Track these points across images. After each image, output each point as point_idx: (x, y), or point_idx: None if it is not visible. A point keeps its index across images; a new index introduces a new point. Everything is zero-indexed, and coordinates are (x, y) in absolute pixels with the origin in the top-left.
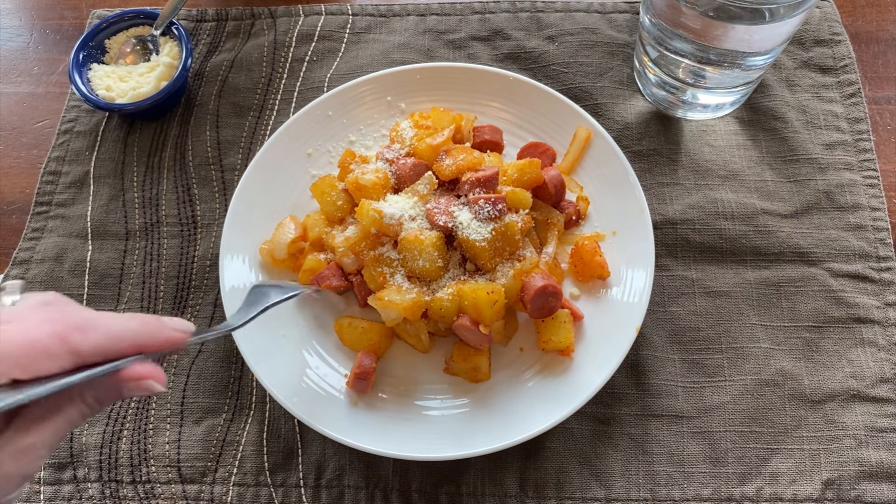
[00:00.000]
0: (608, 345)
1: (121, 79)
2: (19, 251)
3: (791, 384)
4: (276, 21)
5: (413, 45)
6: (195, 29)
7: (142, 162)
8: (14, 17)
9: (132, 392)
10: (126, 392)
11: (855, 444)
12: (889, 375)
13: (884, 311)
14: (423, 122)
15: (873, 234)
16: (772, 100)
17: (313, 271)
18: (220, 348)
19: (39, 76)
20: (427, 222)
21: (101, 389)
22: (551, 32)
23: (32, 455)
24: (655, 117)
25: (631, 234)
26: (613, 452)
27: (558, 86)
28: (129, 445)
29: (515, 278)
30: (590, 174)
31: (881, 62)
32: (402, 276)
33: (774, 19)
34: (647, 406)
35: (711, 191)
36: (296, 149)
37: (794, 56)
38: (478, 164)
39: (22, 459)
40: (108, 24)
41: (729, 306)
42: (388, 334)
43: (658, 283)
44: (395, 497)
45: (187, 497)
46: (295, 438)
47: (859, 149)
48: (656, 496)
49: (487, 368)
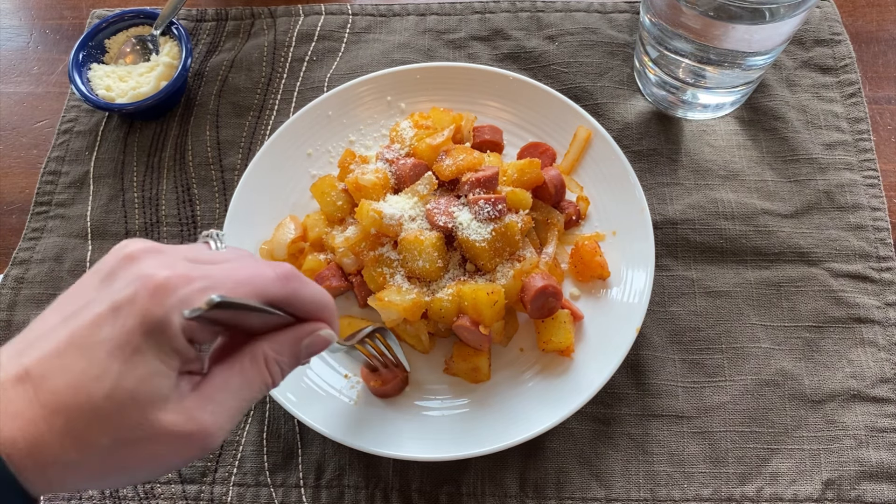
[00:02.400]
0: (608, 345)
1: (120, 79)
2: (19, 251)
3: (791, 384)
4: (275, 21)
5: (413, 44)
6: (195, 29)
7: (142, 162)
8: (14, 16)
9: (310, 348)
10: (304, 351)
11: (855, 445)
12: (889, 375)
13: (884, 311)
14: (423, 122)
15: (873, 234)
16: (772, 100)
17: (313, 271)
18: None
19: (39, 76)
20: (427, 222)
21: (283, 346)
22: (551, 32)
23: (223, 407)
24: (655, 117)
25: (631, 234)
26: (613, 452)
27: (558, 86)
28: None
29: (515, 279)
30: (590, 174)
31: (881, 62)
32: (402, 276)
33: (775, 19)
34: (648, 406)
35: (712, 191)
36: (296, 149)
37: (795, 56)
38: (478, 164)
39: (216, 411)
40: (107, 23)
41: (729, 306)
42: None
43: (658, 283)
44: (395, 497)
45: (187, 497)
46: (295, 438)
47: (859, 149)
48: (656, 496)
49: (487, 369)
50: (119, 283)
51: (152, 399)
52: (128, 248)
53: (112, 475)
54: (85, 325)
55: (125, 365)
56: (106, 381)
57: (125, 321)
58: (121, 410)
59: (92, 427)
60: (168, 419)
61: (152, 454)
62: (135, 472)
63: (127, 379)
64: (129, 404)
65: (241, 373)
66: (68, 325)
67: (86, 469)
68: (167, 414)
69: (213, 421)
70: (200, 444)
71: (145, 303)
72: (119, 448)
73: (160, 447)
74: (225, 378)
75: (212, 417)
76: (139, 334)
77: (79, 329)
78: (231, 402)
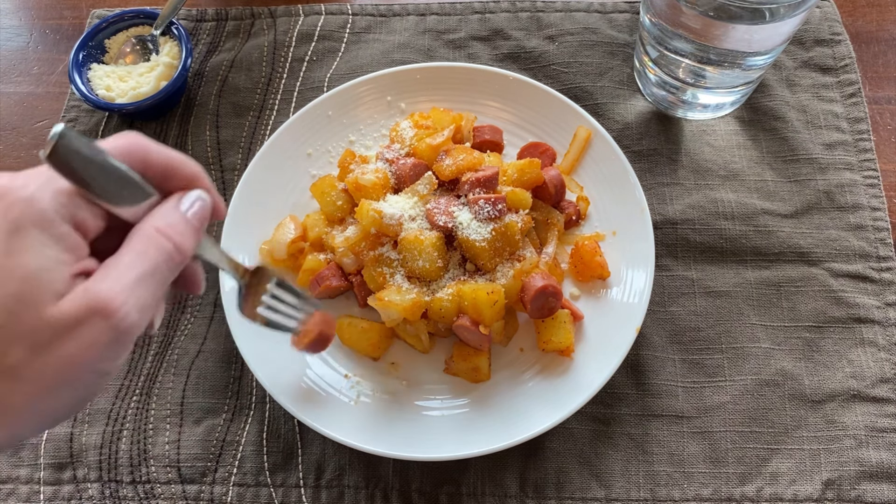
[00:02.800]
0: (608, 345)
1: (120, 79)
2: None
3: (791, 384)
4: (275, 21)
5: (413, 44)
6: (195, 29)
7: None
8: (14, 16)
9: (196, 213)
10: (192, 218)
11: (855, 445)
12: (889, 375)
13: (884, 311)
14: (423, 122)
15: (873, 234)
16: (772, 100)
17: (313, 271)
18: (220, 348)
19: (39, 76)
20: (427, 222)
21: (165, 215)
22: (551, 32)
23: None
24: (656, 117)
25: (631, 234)
26: (613, 452)
27: (558, 86)
28: (128, 445)
29: (515, 278)
30: (590, 174)
31: (881, 62)
32: (402, 276)
33: (774, 19)
34: (648, 406)
35: (712, 191)
36: (296, 149)
37: (795, 56)
38: (478, 164)
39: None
40: (107, 23)
41: (729, 306)
42: (388, 334)
43: (658, 283)
44: (395, 497)
45: (187, 497)
46: (295, 438)
47: (859, 149)
48: (656, 496)
49: (487, 369)
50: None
51: (42, 294)
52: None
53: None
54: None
55: (4, 270)
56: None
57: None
58: (13, 318)
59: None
60: (65, 307)
61: (67, 355)
62: (64, 389)
63: (8, 284)
64: (18, 308)
65: (131, 249)
66: None
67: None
68: (63, 303)
69: (112, 290)
70: (107, 320)
71: (0, 206)
72: (31, 361)
73: (70, 343)
74: (116, 258)
75: (110, 288)
76: (5, 238)
77: None
78: (128, 274)
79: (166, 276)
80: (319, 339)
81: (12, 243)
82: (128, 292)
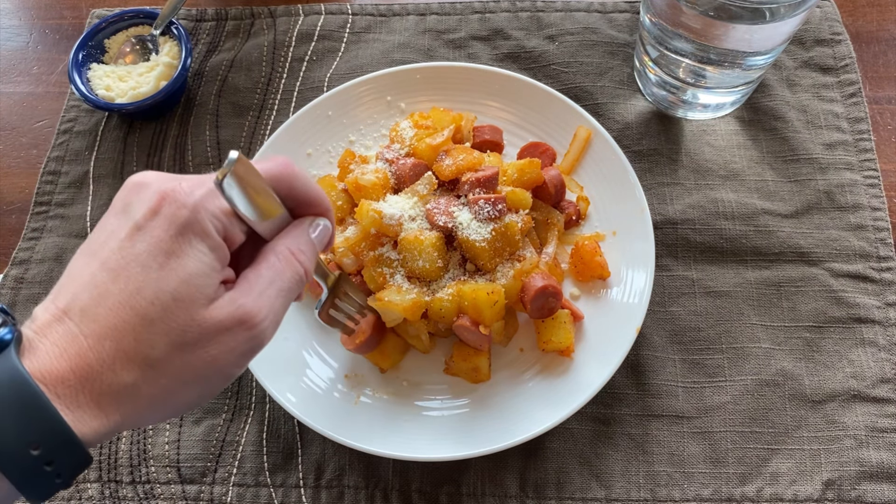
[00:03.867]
0: (608, 345)
1: (120, 78)
2: (19, 251)
3: (791, 384)
4: (275, 21)
5: (413, 44)
6: (195, 28)
7: (141, 162)
8: (14, 16)
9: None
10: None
11: (855, 445)
12: (889, 375)
13: (884, 311)
14: (423, 122)
15: (874, 233)
16: (772, 99)
17: None
18: None
19: (39, 76)
20: (427, 222)
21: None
22: (551, 32)
23: (263, 295)
24: (656, 117)
25: (631, 234)
26: (613, 453)
27: (558, 85)
28: (128, 445)
29: (515, 278)
30: (590, 174)
31: (882, 62)
32: (402, 276)
33: (775, 19)
34: (648, 406)
35: (712, 191)
36: (295, 149)
37: (795, 56)
38: (478, 164)
39: (257, 298)
40: (107, 23)
41: (729, 306)
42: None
43: (658, 283)
44: (395, 497)
45: (187, 497)
46: (295, 438)
47: (860, 148)
48: (656, 496)
49: (487, 369)
50: (136, 206)
51: (196, 297)
52: (135, 178)
53: (171, 394)
54: (114, 251)
55: (162, 270)
56: (147, 291)
57: (152, 232)
58: (167, 314)
59: (141, 340)
60: (215, 313)
61: (208, 356)
62: (194, 384)
63: (167, 282)
64: (173, 306)
65: (270, 266)
66: (97, 258)
67: (144, 391)
68: (213, 309)
69: (256, 305)
70: (250, 331)
71: (168, 210)
72: (173, 357)
73: (213, 346)
74: (256, 273)
75: (255, 302)
76: (170, 239)
77: (108, 257)
78: (269, 291)
79: (294, 294)
80: (370, 340)
81: (176, 246)
82: (268, 307)
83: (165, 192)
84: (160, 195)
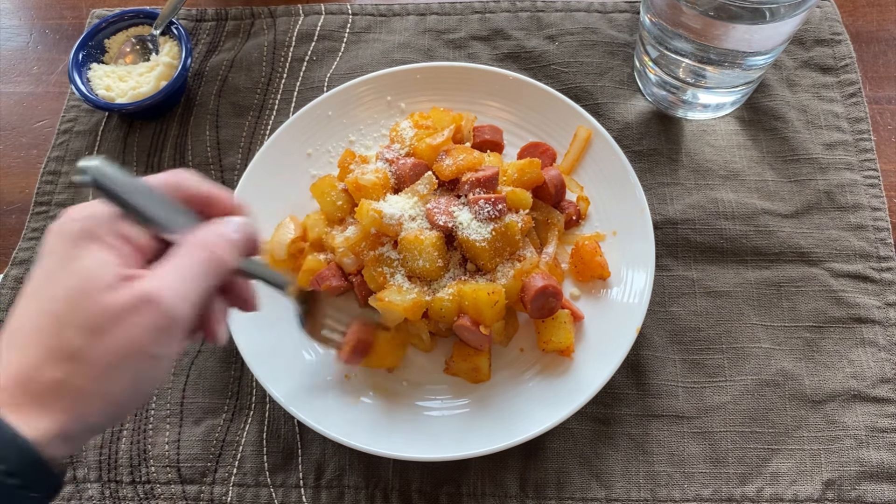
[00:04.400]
0: (608, 345)
1: (120, 78)
2: (19, 251)
3: (791, 384)
4: (275, 21)
5: (413, 44)
6: (195, 28)
7: (141, 162)
8: (14, 16)
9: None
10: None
11: (855, 445)
12: (890, 375)
13: (884, 311)
14: (423, 121)
15: (874, 233)
16: (772, 99)
17: (313, 271)
18: (220, 348)
19: (39, 76)
20: (427, 222)
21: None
22: (551, 32)
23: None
24: (656, 117)
25: (631, 234)
26: (614, 453)
27: (558, 85)
28: (128, 445)
29: (515, 278)
30: (590, 174)
31: (882, 62)
32: (402, 276)
33: (775, 19)
34: (648, 406)
35: (712, 191)
36: (296, 149)
37: (795, 56)
38: (478, 164)
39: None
40: (107, 23)
41: (729, 306)
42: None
43: (658, 283)
44: (395, 497)
45: (187, 497)
46: (295, 439)
47: (860, 148)
48: (656, 496)
49: (487, 369)
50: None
51: (96, 285)
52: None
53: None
54: (33, 281)
55: (64, 272)
56: (55, 292)
57: (53, 249)
58: (74, 306)
59: (60, 336)
60: (117, 295)
61: (123, 337)
62: (122, 370)
63: (69, 280)
64: (78, 298)
65: (174, 254)
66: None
67: (77, 384)
68: (115, 292)
69: (158, 285)
70: (156, 307)
71: (63, 227)
72: (92, 344)
73: (124, 326)
74: (160, 263)
75: (157, 282)
76: (68, 249)
77: (30, 288)
78: (172, 273)
79: (208, 277)
80: (359, 347)
81: (75, 251)
82: (173, 286)
83: (61, 215)
84: (57, 221)
